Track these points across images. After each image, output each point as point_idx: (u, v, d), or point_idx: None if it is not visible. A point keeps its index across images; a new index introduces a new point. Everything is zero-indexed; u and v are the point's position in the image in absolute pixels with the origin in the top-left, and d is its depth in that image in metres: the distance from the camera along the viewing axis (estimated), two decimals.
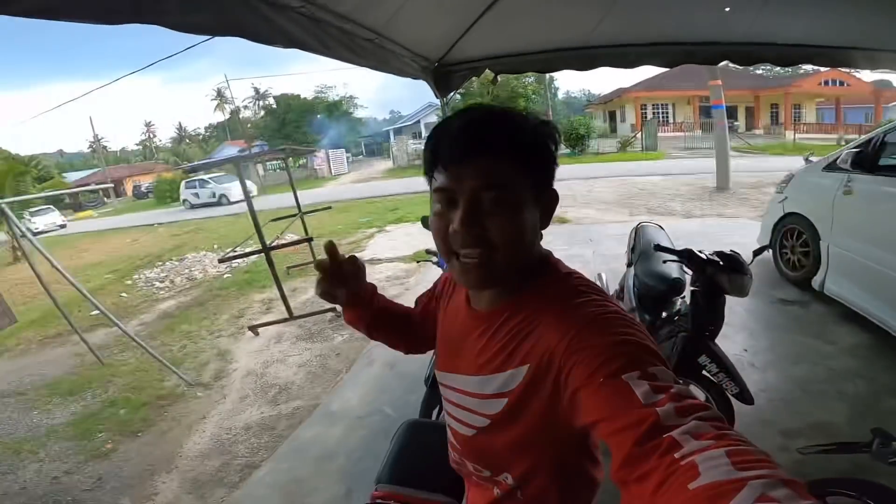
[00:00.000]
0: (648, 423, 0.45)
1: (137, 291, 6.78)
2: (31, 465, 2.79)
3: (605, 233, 6.07)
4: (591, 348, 0.55)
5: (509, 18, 2.59)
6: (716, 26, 2.66)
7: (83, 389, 3.70)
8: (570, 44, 3.05)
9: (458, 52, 3.00)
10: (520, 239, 0.63)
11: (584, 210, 8.06)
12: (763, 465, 0.38)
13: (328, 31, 1.77)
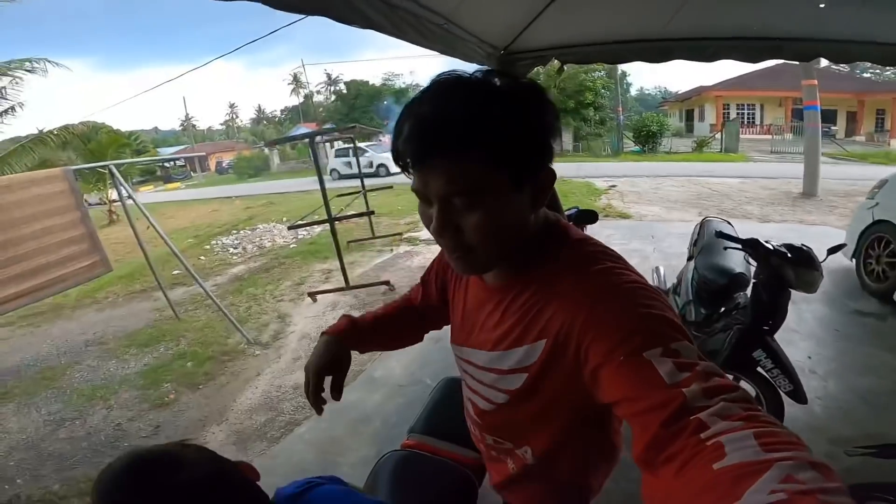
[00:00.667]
0: (675, 404, 0.43)
1: (214, 256, 7.42)
2: (99, 412, 3.05)
3: (669, 231, 5.83)
4: (610, 323, 0.52)
5: (579, 7, 2.56)
6: (809, 21, 2.47)
7: (157, 342, 4.07)
8: (643, 35, 2.95)
9: (524, 41, 3.00)
10: (498, 234, 0.58)
11: (648, 207, 7.75)
12: (792, 447, 0.37)
13: (401, 14, 1.87)
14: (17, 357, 4.15)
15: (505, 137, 0.53)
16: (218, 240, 8.40)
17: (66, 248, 3.11)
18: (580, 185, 10.19)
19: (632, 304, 0.53)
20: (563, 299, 0.58)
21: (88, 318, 5.13)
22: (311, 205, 7.89)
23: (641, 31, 2.91)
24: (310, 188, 13.65)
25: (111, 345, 4.18)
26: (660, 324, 0.51)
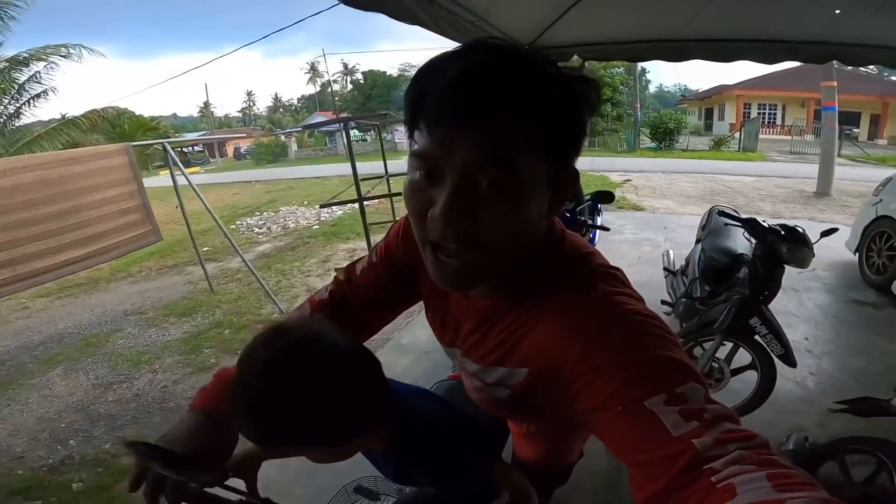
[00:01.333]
0: (685, 458, 0.39)
1: (240, 235, 7.72)
2: (145, 375, 3.20)
3: (681, 223, 6.00)
4: (606, 366, 0.45)
5: (602, 6, 2.72)
6: (824, 24, 2.58)
7: (194, 312, 4.32)
8: (662, 35, 3.10)
9: (548, 38, 3.16)
10: (518, 237, 0.49)
11: (662, 201, 7.90)
12: (806, 488, 0.35)
13: (440, 12, 2.10)
14: (60, 325, 4.40)
15: (559, 112, 0.46)
16: (242, 220, 8.72)
17: (122, 217, 3.40)
18: (595, 178, 10.34)
19: (631, 345, 0.46)
20: (551, 328, 0.52)
21: (124, 290, 5.42)
22: (331, 190, 8.16)
23: (662, 31, 3.06)
24: (327, 174, 13.93)
25: (150, 314, 4.44)
26: (663, 366, 0.45)
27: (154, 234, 3.71)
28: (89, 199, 3.16)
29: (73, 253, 3.09)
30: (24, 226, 2.81)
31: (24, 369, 3.49)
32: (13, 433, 2.68)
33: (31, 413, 2.88)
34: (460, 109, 0.43)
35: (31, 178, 2.85)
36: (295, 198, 11.06)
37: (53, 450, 2.51)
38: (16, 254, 2.76)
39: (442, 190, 0.46)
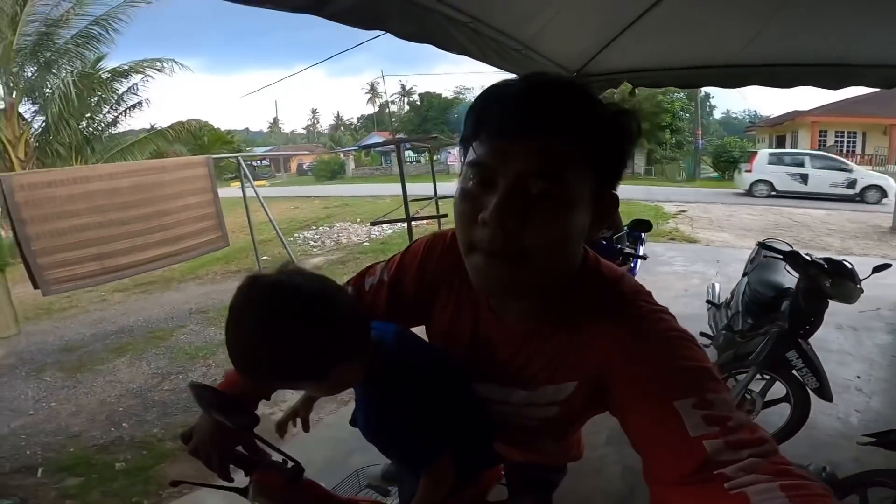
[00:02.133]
0: (697, 460, 0.41)
1: (297, 247, 8.17)
2: (199, 369, 3.45)
3: (737, 256, 5.68)
4: (643, 370, 0.50)
5: (652, 33, 2.73)
6: (890, 48, 2.51)
7: None
8: (716, 60, 3.07)
9: (597, 64, 3.21)
10: (563, 246, 0.52)
11: (718, 233, 7.55)
12: (821, 499, 0.36)
13: (487, 41, 2.22)
14: (132, 318, 4.80)
15: (607, 137, 0.51)
16: (300, 233, 9.24)
17: (198, 222, 3.80)
18: (647, 209, 10.00)
19: (667, 353, 0.51)
20: (597, 343, 0.56)
21: (192, 291, 5.84)
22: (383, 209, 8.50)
23: (716, 57, 3.03)
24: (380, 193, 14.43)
25: (211, 314, 4.73)
26: (694, 375, 0.49)
27: (223, 241, 4.09)
28: (173, 205, 3.57)
29: (154, 252, 3.49)
30: (116, 224, 3.23)
31: (96, 356, 3.88)
32: (75, 413, 2.99)
33: (95, 396, 3.20)
34: (519, 123, 0.48)
35: (127, 182, 3.28)
36: (349, 214, 11.58)
37: (107, 431, 2.76)
38: (105, 249, 3.17)
39: (494, 195, 0.49)
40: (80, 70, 9.15)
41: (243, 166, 4.15)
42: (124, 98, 10.67)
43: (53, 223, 2.89)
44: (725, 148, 18.47)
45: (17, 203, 2.72)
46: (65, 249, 2.95)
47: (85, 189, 3.02)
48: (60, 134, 9.17)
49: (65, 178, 2.95)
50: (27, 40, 8.28)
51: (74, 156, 9.90)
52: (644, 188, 14.85)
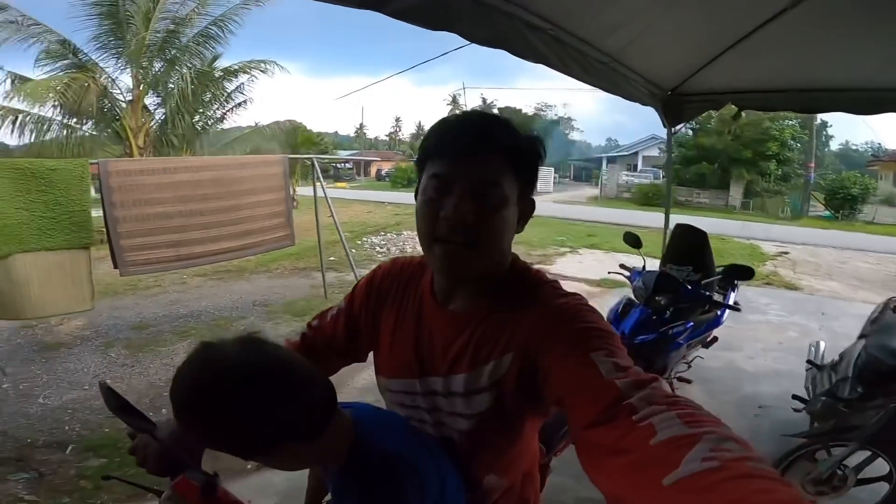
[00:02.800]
0: (612, 394, 0.50)
1: (363, 251, 8.38)
2: None
3: (846, 310, 4.90)
4: (566, 333, 0.61)
5: (766, 50, 2.41)
6: None
7: (307, 314, 4.60)
8: (846, 83, 2.65)
9: (696, 83, 2.90)
10: (503, 234, 0.67)
11: (825, 282, 6.60)
12: (711, 423, 0.43)
13: (569, 51, 2.03)
14: (203, 304, 5.16)
15: (527, 155, 0.68)
16: (368, 238, 9.47)
17: (269, 219, 3.94)
18: (741, 247, 9.04)
19: (584, 320, 0.63)
20: (523, 320, 0.67)
21: (260, 283, 6.20)
22: None
23: (845, 79, 2.62)
24: None
25: (272, 308, 4.98)
26: (603, 334, 0.61)
27: (290, 239, 4.20)
28: (247, 200, 3.73)
29: (226, 244, 3.65)
30: (195, 215, 3.41)
31: (161, 337, 4.11)
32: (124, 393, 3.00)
33: (147, 377, 3.34)
34: (470, 143, 0.65)
35: (209, 175, 3.47)
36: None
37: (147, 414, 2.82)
38: (182, 237, 3.35)
39: (452, 198, 0.64)
40: (199, 68, 10.08)
41: (317, 168, 4.26)
42: (232, 96, 11.60)
43: (139, 209, 3.10)
44: (843, 183, 16.34)
45: (110, 187, 2.96)
46: (146, 234, 3.16)
47: (171, 179, 3.22)
48: (176, 126, 10.17)
49: (154, 168, 3.18)
50: (156, 37, 9.20)
51: (186, 147, 10.96)
52: (740, 223, 13.54)
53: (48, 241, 2.74)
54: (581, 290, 5.74)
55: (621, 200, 21.36)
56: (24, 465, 2.34)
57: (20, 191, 2.61)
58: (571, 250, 8.80)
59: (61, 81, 8.20)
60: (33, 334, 4.07)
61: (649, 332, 2.40)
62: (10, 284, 2.64)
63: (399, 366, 0.79)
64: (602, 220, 13.49)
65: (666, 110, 3.10)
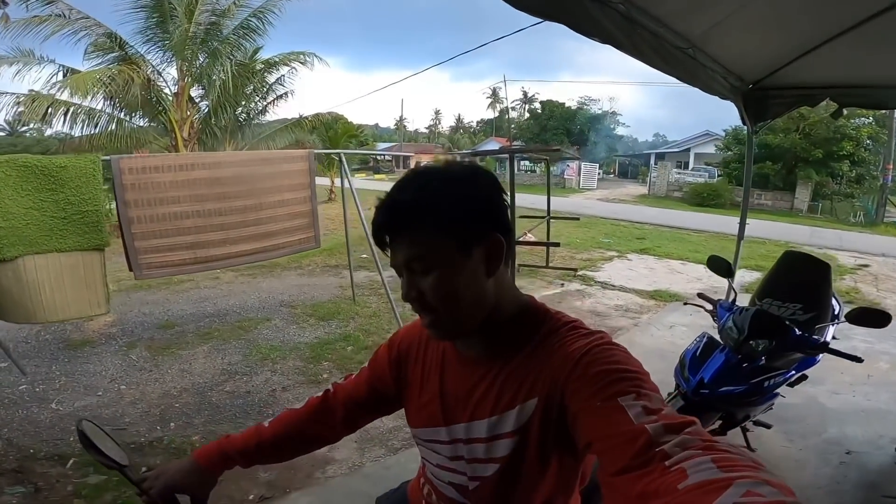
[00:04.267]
0: (643, 439, 0.48)
1: None
2: (264, 373, 3.31)
3: None
4: (591, 375, 0.59)
5: (879, 42, 1.95)
6: None
7: (333, 317, 4.50)
8: None
9: (785, 76, 2.44)
10: (454, 295, 0.67)
11: None
12: (749, 469, 0.41)
13: (641, 33, 1.65)
14: (231, 302, 5.05)
15: (449, 212, 0.65)
16: None
17: (292, 220, 3.69)
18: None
19: (610, 361, 0.61)
20: (550, 359, 0.66)
21: (290, 281, 6.07)
22: None
23: None
24: None
25: (298, 310, 4.79)
26: (631, 376, 0.58)
27: (314, 241, 3.95)
28: (269, 199, 3.49)
29: (245, 247, 3.43)
30: (213, 215, 3.21)
31: (184, 338, 3.99)
32: (135, 402, 2.96)
33: (162, 385, 3.18)
34: (385, 234, 0.68)
35: (229, 172, 3.25)
36: None
37: (153, 428, 2.67)
38: (200, 239, 3.16)
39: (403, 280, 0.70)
40: (240, 60, 10.07)
41: (344, 164, 3.99)
42: (273, 88, 11.65)
43: (154, 208, 2.94)
44: None
45: (123, 185, 2.80)
46: (161, 235, 3.00)
47: (188, 177, 3.04)
48: (219, 118, 10.32)
49: (170, 164, 3.00)
50: (199, 29, 9.21)
51: (228, 139, 11.13)
52: (808, 229, 12.38)
53: (60, 243, 2.61)
54: (634, 302, 5.31)
55: (671, 200, 20.24)
56: (24, 477, 2.24)
57: (29, 189, 2.48)
58: (619, 254, 8.16)
59: (107, 73, 8.37)
60: (62, 330, 4.05)
61: (738, 384, 1.95)
62: (20, 287, 2.53)
63: (426, 416, 0.82)
64: (651, 220, 12.67)
65: (747, 106, 2.62)
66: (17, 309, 2.58)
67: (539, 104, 39.70)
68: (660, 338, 4.15)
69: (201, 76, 9.84)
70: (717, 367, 1.97)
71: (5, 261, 2.45)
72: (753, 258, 7.42)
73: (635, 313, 4.93)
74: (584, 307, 5.12)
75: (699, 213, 15.23)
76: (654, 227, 11.68)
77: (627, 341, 4.01)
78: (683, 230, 11.29)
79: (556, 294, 5.62)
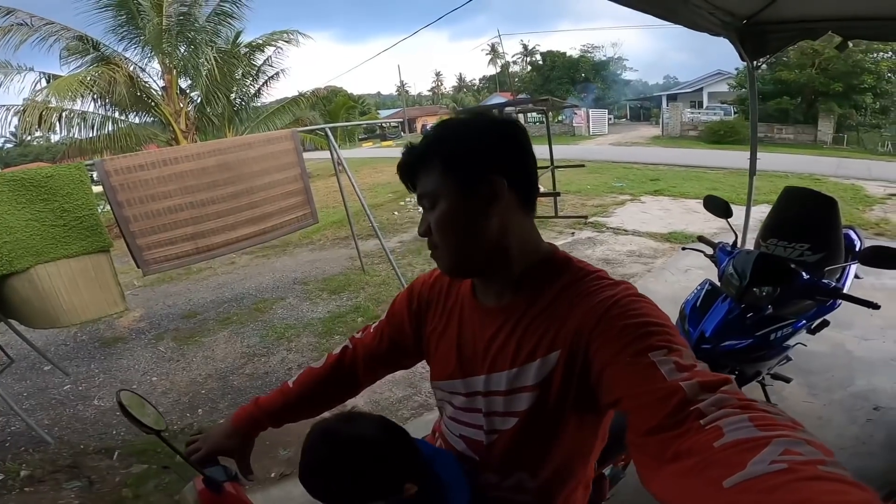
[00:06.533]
0: (677, 398, 0.47)
1: (405, 213, 8.09)
2: (281, 352, 3.42)
3: None
4: (618, 328, 0.58)
5: None
6: None
7: (343, 290, 4.57)
8: None
9: (782, 9, 2.28)
10: (451, 232, 0.70)
11: None
12: (788, 427, 0.40)
13: None
14: (247, 285, 5.18)
15: (453, 152, 0.69)
16: (412, 198, 9.19)
17: (286, 199, 3.71)
18: (840, 189, 7.68)
19: (635, 313, 0.59)
20: (574, 311, 0.65)
21: (302, 257, 6.14)
22: None
23: None
24: None
25: (310, 286, 4.88)
26: (661, 330, 0.57)
27: (311, 217, 3.97)
28: (260, 182, 3.50)
29: (244, 231, 3.48)
30: (207, 204, 3.25)
31: (206, 326, 4.14)
32: (166, 391, 3.12)
33: (189, 373, 3.33)
34: (406, 176, 0.74)
35: (214, 161, 3.26)
36: None
37: (183, 416, 2.81)
38: (198, 229, 3.21)
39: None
40: (221, 46, 9.97)
41: (331, 138, 4.00)
42: (263, 70, 11.48)
43: (147, 205, 2.98)
44: None
45: (113, 186, 2.84)
46: (160, 230, 3.06)
47: (174, 170, 3.05)
48: (213, 106, 10.25)
49: (154, 161, 3.00)
50: (171, 21, 9.07)
51: (227, 125, 11.09)
52: (835, 161, 11.79)
53: (65, 249, 2.68)
54: (647, 246, 5.19)
55: (687, 139, 19.54)
56: (78, 472, 2.40)
57: (24, 202, 2.53)
58: (632, 198, 7.90)
59: (88, 75, 8.35)
60: (95, 329, 4.25)
61: (742, 337, 1.74)
62: (38, 295, 2.63)
63: (444, 367, 0.82)
64: (666, 161, 12.25)
65: (743, 41, 2.47)
66: (41, 316, 2.69)
67: (540, 56, 38.12)
68: (674, 283, 4.07)
69: (186, 67, 9.72)
70: (718, 319, 1.77)
71: (19, 272, 2.54)
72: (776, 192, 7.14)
73: (649, 258, 4.83)
74: (594, 255, 5.04)
75: (716, 151, 14.68)
76: (668, 167, 11.32)
77: (641, 288, 3.86)
78: (700, 168, 10.95)
79: (566, 244, 5.52)
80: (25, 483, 2.33)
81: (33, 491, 2.28)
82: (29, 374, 3.50)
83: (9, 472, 2.40)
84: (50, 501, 2.21)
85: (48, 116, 8.63)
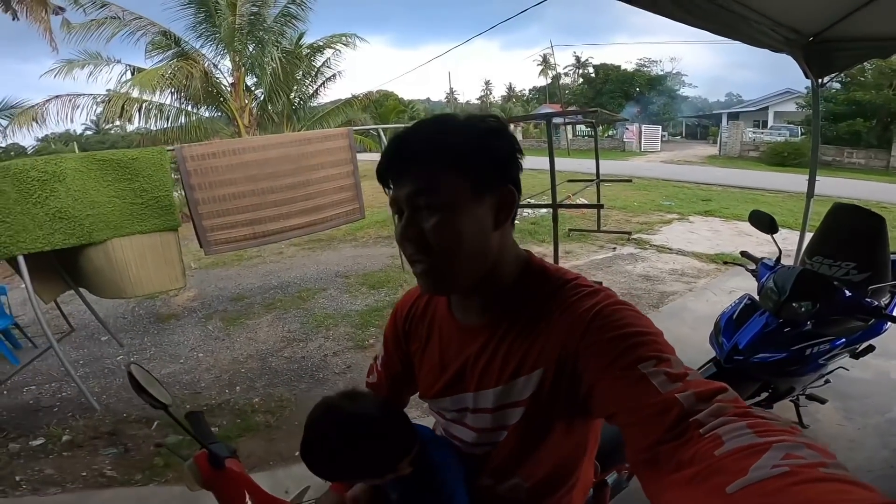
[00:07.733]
0: (675, 412, 0.46)
1: None
2: (318, 339, 3.56)
3: None
4: (604, 341, 0.57)
5: None
6: None
7: (382, 286, 4.72)
8: None
9: (850, 26, 2.20)
10: (458, 240, 0.63)
11: None
12: (787, 433, 0.40)
13: None
14: (292, 275, 5.43)
15: (470, 151, 0.62)
16: None
17: (337, 193, 3.93)
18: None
19: (622, 324, 0.58)
20: (556, 326, 0.63)
21: (345, 252, 6.38)
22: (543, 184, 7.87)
23: None
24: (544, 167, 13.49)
25: (351, 280, 5.07)
26: (646, 339, 0.55)
27: (359, 213, 4.17)
28: (315, 176, 3.73)
29: (296, 220, 3.70)
30: (266, 193, 3.49)
31: (251, 309, 4.39)
32: (209, 368, 3.31)
33: (232, 352, 3.52)
34: (398, 162, 0.65)
35: (275, 153, 3.50)
36: None
37: (222, 392, 2.98)
38: (257, 215, 3.45)
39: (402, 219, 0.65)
40: (286, 47, 10.51)
41: (383, 139, 4.14)
42: (322, 71, 12.00)
43: (215, 190, 3.24)
44: None
45: (188, 171, 3.11)
46: (223, 214, 3.31)
47: (240, 160, 3.30)
48: (274, 104, 10.84)
49: (225, 150, 3.27)
50: (243, 20, 9.68)
51: (286, 122, 11.67)
52: None
53: (140, 226, 2.96)
54: (691, 266, 5.05)
55: (746, 160, 18.61)
56: (116, 439, 2.53)
57: (109, 180, 2.82)
58: (680, 217, 7.66)
59: (169, 69, 9.01)
60: (152, 305, 4.60)
61: (776, 350, 1.75)
62: (110, 266, 2.92)
63: (430, 386, 0.80)
64: (721, 181, 11.75)
65: (809, 59, 2.40)
66: (110, 285, 2.99)
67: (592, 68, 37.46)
68: (715, 303, 3.94)
69: (253, 65, 10.33)
70: (754, 332, 1.78)
71: (96, 244, 2.83)
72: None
73: (692, 277, 4.71)
74: (635, 271, 4.96)
75: (777, 173, 13.89)
76: (722, 188, 10.86)
77: (680, 307, 3.91)
78: (757, 190, 10.43)
79: (606, 258, 5.48)
80: (65, 447, 2.46)
81: (70, 456, 2.40)
82: (86, 343, 3.81)
83: (51, 436, 2.55)
84: (84, 466, 2.30)
85: (129, 107, 9.39)
